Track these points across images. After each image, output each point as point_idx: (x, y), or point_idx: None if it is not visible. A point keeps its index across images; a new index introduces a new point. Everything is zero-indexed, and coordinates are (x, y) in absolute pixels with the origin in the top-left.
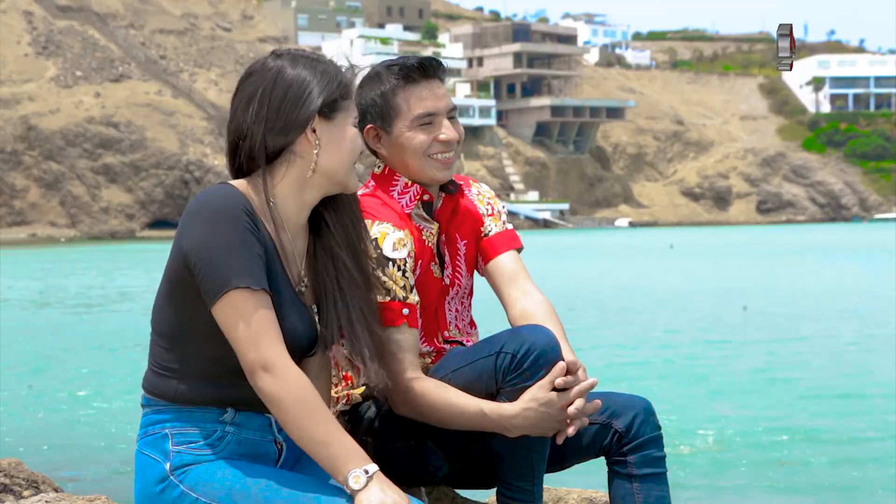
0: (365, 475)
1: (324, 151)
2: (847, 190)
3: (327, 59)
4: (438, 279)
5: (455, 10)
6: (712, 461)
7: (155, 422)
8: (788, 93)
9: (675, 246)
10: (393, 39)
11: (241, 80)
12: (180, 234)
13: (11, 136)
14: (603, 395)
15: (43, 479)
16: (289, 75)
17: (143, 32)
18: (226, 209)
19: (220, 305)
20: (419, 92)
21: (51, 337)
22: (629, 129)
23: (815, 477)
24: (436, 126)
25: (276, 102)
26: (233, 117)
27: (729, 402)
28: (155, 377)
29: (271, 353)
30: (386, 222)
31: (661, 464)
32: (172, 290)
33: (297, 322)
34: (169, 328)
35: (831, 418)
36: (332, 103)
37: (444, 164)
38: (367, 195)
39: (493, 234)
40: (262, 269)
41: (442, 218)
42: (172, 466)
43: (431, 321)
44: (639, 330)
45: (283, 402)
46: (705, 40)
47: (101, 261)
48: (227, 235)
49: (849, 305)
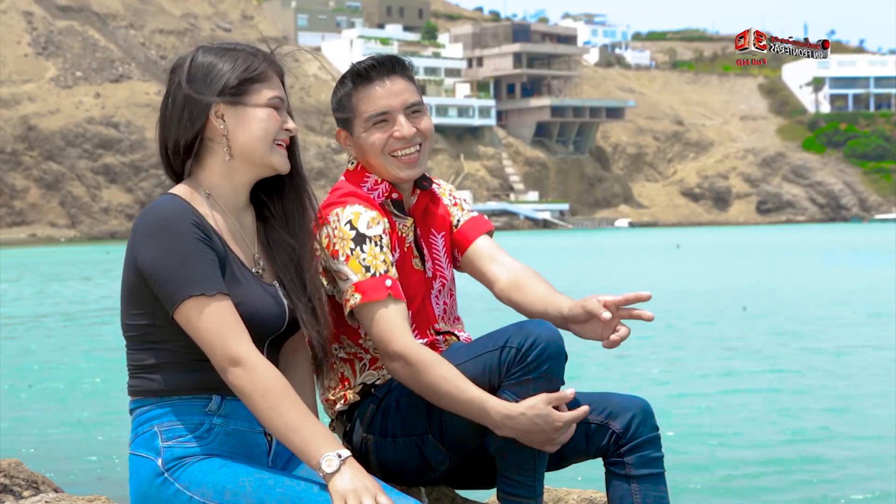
0: (338, 459)
1: (234, 135)
2: (847, 190)
3: (244, 45)
4: (420, 272)
5: (455, 11)
6: (711, 462)
7: (143, 422)
8: (788, 93)
9: (681, 246)
10: (393, 40)
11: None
12: (133, 250)
13: (11, 137)
14: (600, 396)
15: (43, 480)
16: (193, 66)
17: (143, 32)
18: (173, 223)
19: (179, 314)
20: (371, 91)
21: (51, 337)
22: (629, 130)
23: (815, 477)
24: (391, 123)
25: (181, 94)
26: (160, 118)
27: (728, 403)
28: (136, 379)
29: (236, 348)
30: (357, 204)
31: (659, 464)
32: (132, 296)
33: (262, 303)
34: (137, 330)
35: (831, 419)
36: (236, 87)
37: (407, 161)
38: (336, 186)
39: (462, 223)
40: (215, 273)
41: (416, 213)
42: (165, 461)
43: (421, 314)
44: (638, 330)
45: (254, 394)
46: (705, 40)
47: (101, 261)
48: (178, 248)
49: (849, 305)
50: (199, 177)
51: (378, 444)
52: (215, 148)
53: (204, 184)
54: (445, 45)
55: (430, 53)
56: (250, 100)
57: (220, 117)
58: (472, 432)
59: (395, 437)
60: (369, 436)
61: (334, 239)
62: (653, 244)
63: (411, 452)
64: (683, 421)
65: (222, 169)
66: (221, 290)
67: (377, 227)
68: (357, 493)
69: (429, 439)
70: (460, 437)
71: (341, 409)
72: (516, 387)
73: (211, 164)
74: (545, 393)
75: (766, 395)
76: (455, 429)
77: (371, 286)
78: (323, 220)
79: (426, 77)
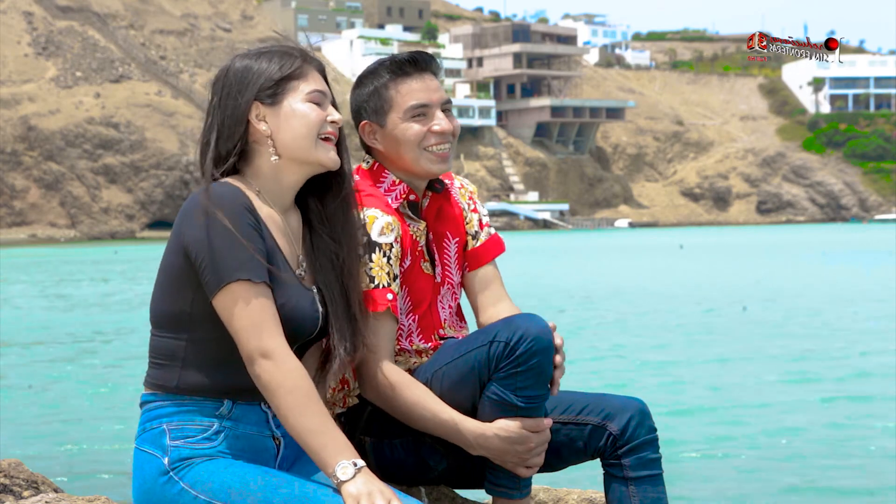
0: (353, 467)
1: (278, 134)
2: (847, 190)
3: (278, 46)
4: (430, 276)
5: (455, 11)
6: (709, 462)
7: (153, 418)
8: (788, 93)
9: (684, 246)
10: (393, 40)
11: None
12: (181, 228)
13: (11, 137)
14: (598, 397)
15: (43, 480)
16: (232, 72)
17: (143, 33)
18: (227, 205)
19: (220, 297)
20: (411, 84)
21: (51, 337)
22: (629, 130)
23: (815, 478)
24: (429, 117)
25: (223, 102)
26: (203, 132)
27: (726, 404)
28: (156, 369)
29: (270, 343)
30: (374, 207)
31: (656, 465)
32: (172, 280)
33: (299, 305)
34: (169, 318)
35: (831, 419)
36: (273, 87)
37: (440, 156)
38: (356, 184)
39: (479, 243)
40: (262, 263)
41: (429, 217)
42: (171, 461)
43: (427, 318)
44: (638, 330)
45: (280, 390)
46: (705, 41)
47: (105, 262)
48: (228, 230)
49: (849, 305)
50: (248, 175)
51: (375, 446)
52: (261, 150)
53: (253, 182)
54: (445, 45)
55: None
56: (289, 97)
57: (262, 119)
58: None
59: (392, 438)
60: (366, 438)
61: None
62: (654, 244)
63: (408, 453)
64: (681, 422)
65: (270, 170)
66: (266, 280)
67: (390, 234)
68: (371, 496)
69: (425, 439)
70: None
71: (339, 412)
72: (505, 381)
73: (259, 166)
74: (525, 418)
75: (765, 395)
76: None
77: (371, 298)
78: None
79: None
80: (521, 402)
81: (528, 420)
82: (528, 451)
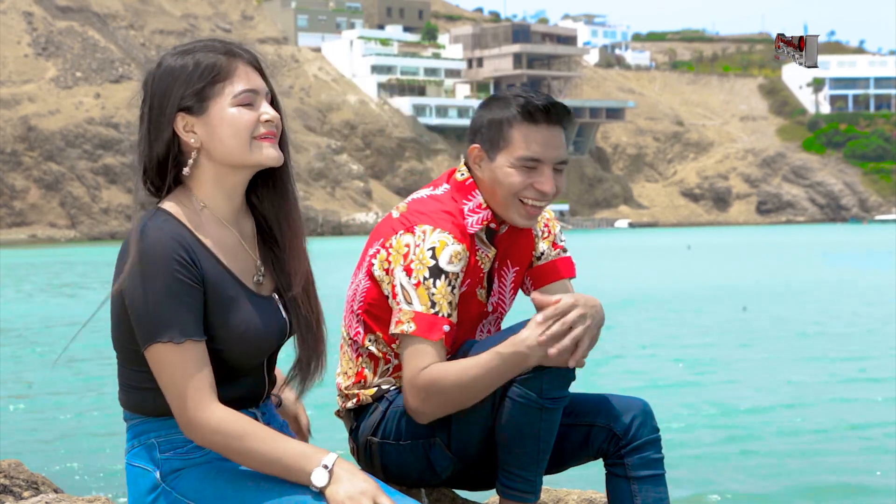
0: (325, 471)
1: (209, 144)
2: (847, 191)
3: (203, 42)
4: (482, 303)
5: (455, 11)
6: (711, 463)
7: (140, 433)
8: (788, 93)
9: (692, 247)
10: (393, 40)
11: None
12: (118, 268)
13: (11, 137)
14: (601, 397)
15: (43, 480)
16: (157, 77)
17: (143, 33)
18: (154, 259)
19: (148, 354)
20: (535, 134)
21: (51, 336)
22: (629, 130)
23: (816, 479)
24: (538, 172)
25: (151, 112)
26: (138, 138)
27: (728, 404)
28: (129, 395)
29: (192, 412)
30: (447, 232)
31: (659, 465)
32: (120, 315)
33: (260, 322)
34: (131, 353)
35: (832, 420)
36: (194, 96)
37: (531, 212)
38: (433, 197)
39: (548, 260)
40: (190, 317)
41: (501, 245)
42: (163, 473)
43: (461, 339)
44: (638, 330)
45: (219, 448)
46: (705, 41)
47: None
48: (154, 287)
49: (850, 305)
50: (191, 186)
51: (383, 447)
52: (199, 159)
53: (197, 194)
54: (445, 45)
55: (430, 54)
56: (216, 103)
57: (191, 130)
58: (480, 439)
59: (401, 440)
60: (374, 438)
61: (412, 255)
62: (659, 245)
63: (417, 456)
64: (682, 422)
65: (211, 177)
66: (193, 336)
67: (458, 264)
68: (354, 501)
69: (436, 443)
70: (468, 443)
71: (351, 407)
72: (529, 375)
73: (198, 175)
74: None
75: (766, 396)
76: (465, 434)
77: (429, 323)
78: (410, 226)
79: (426, 78)
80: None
81: (549, 308)
82: (570, 331)
